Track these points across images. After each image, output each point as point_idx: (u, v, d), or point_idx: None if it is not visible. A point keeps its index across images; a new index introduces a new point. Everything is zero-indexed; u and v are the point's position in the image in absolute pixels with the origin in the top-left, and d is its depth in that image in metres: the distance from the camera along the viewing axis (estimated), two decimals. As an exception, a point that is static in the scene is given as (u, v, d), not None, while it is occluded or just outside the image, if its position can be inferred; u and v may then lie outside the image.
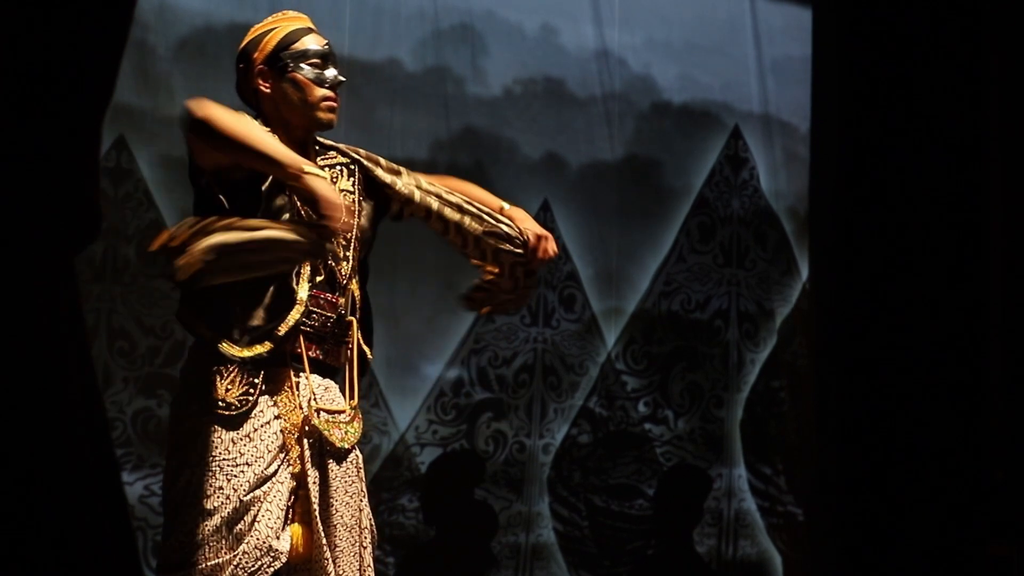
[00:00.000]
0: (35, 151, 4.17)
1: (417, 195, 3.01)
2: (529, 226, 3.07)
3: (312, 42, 2.92)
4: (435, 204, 3.01)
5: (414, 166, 5.15)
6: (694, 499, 5.69)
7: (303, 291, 2.82)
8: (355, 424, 2.92)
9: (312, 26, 2.98)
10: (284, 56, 2.89)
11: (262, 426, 2.79)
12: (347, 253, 2.93)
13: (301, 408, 2.82)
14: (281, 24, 2.94)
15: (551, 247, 3.07)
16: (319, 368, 2.89)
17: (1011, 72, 5.92)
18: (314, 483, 2.80)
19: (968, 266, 5.83)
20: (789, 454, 5.85)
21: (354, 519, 2.87)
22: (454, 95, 5.23)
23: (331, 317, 2.89)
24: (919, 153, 5.85)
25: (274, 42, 2.90)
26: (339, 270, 2.91)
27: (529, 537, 5.33)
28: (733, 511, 5.73)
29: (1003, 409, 5.85)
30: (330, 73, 2.91)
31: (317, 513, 2.79)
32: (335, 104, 2.92)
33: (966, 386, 5.80)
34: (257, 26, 2.96)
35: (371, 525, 2.95)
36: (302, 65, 2.89)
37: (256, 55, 2.91)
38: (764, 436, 5.81)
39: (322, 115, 2.91)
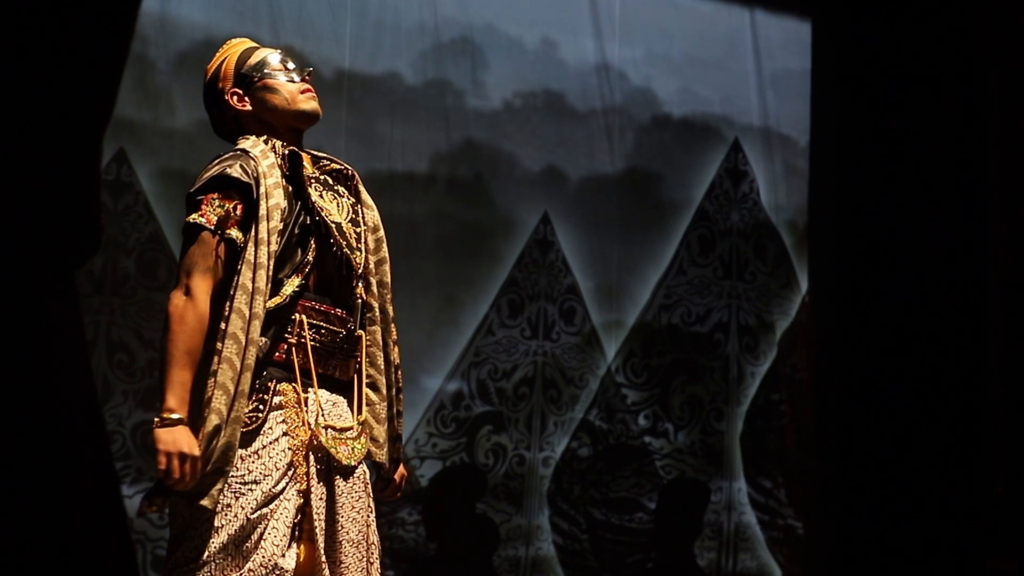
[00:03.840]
0: (36, 164, 4.18)
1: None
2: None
3: (265, 52, 2.99)
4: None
5: (415, 179, 5.20)
6: (694, 512, 5.68)
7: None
8: (362, 440, 2.91)
9: (257, 44, 3.04)
10: (248, 71, 2.94)
11: (271, 443, 2.78)
12: (359, 244, 2.94)
13: (308, 426, 2.81)
14: (230, 51, 3.00)
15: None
16: (328, 383, 2.89)
17: (1010, 84, 5.93)
18: (320, 500, 2.79)
19: (968, 278, 5.83)
20: (789, 467, 5.84)
21: (361, 535, 2.87)
22: (454, 108, 5.23)
23: (340, 332, 2.88)
24: (918, 166, 5.86)
25: (232, 64, 2.96)
26: (354, 259, 2.91)
27: (529, 550, 5.32)
28: (733, 524, 5.72)
29: (1003, 423, 5.84)
30: (294, 67, 2.97)
31: (320, 530, 2.78)
32: (313, 92, 2.96)
33: (966, 399, 5.79)
34: (209, 65, 3.01)
35: (377, 541, 2.94)
36: (267, 72, 2.94)
37: (222, 83, 2.96)
38: (764, 449, 5.81)
39: (305, 105, 2.94)
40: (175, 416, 2.69)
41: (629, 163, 5.59)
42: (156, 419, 2.70)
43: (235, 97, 2.93)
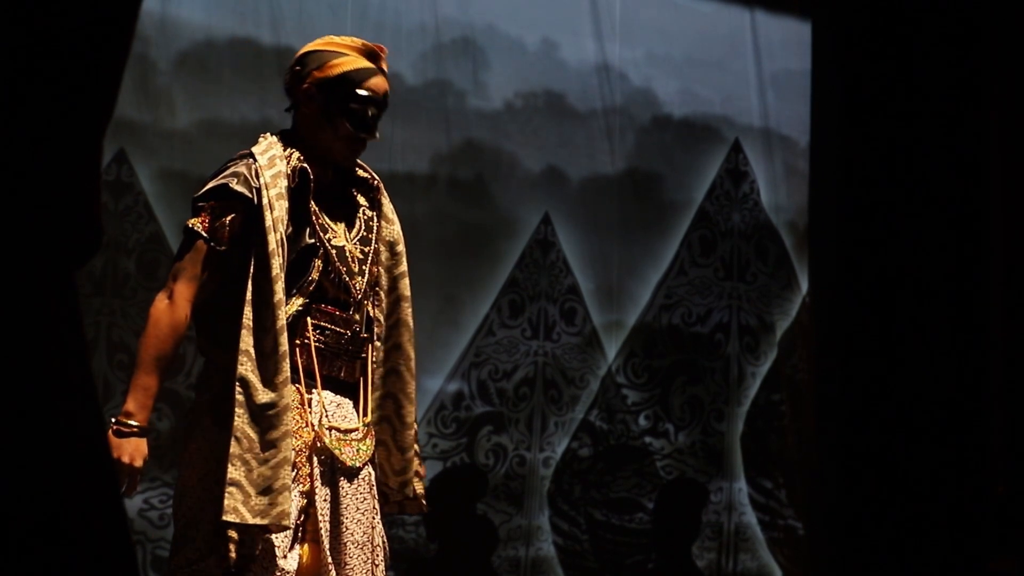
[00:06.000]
0: (36, 165, 4.17)
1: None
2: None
3: (374, 87, 2.87)
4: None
5: (415, 180, 5.20)
6: (694, 513, 5.68)
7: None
8: (367, 441, 2.90)
9: (383, 66, 2.92)
10: (339, 88, 2.84)
11: None
12: (363, 267, 2.93)
13: (312, 427, 2.80)
14: (353, 55, 2.88)
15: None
16: (333, 384, 2.88)
17: (1011, 83, 5.93)
18: (324, 501, 2.79)
19: (968, 279, 5.83)
20: (790, 468, 5.84)
21: (366, 536, 2.86)
22: (455, 109, 5.23)
23: (345, 334, 2.88)
24: (918, 166, 5.86)
25: (337, 72, 2.85)
26: (353, 285, 2.90)
27: (529, 551, 5.32)
28: (733, 525, 5.72)
29: (1004, 423, 5.84)
30: (372, 116, 2.86)
31: (325, 532, 2.78)
32: (360, 150, 2.91)
33: (966, 399, 5.79)
34: (334, 39, 2.91)
35: (384, 543, 2.94)
36: (349, 103, 2.84)
37: (316, 72, 2.86)
38: (765, 450, 5.81)
39: (346, 155, 2.90)
40: (130, 423, 2.71)
41: (630, 164, 5.59)
42: (112, 420, 2.71)
43: (306, 95, 2.86)
